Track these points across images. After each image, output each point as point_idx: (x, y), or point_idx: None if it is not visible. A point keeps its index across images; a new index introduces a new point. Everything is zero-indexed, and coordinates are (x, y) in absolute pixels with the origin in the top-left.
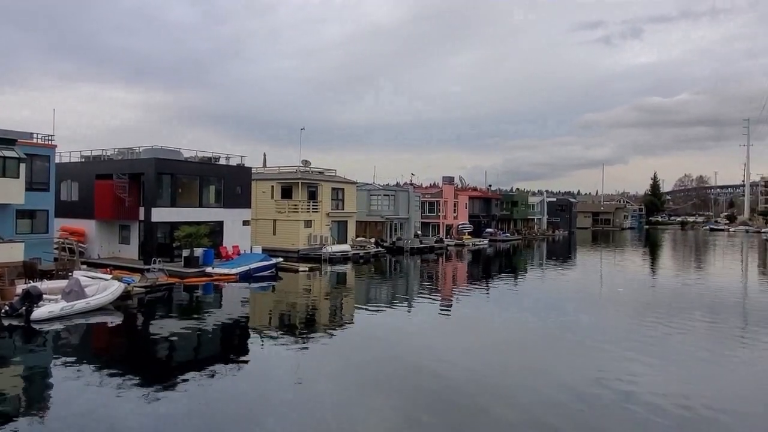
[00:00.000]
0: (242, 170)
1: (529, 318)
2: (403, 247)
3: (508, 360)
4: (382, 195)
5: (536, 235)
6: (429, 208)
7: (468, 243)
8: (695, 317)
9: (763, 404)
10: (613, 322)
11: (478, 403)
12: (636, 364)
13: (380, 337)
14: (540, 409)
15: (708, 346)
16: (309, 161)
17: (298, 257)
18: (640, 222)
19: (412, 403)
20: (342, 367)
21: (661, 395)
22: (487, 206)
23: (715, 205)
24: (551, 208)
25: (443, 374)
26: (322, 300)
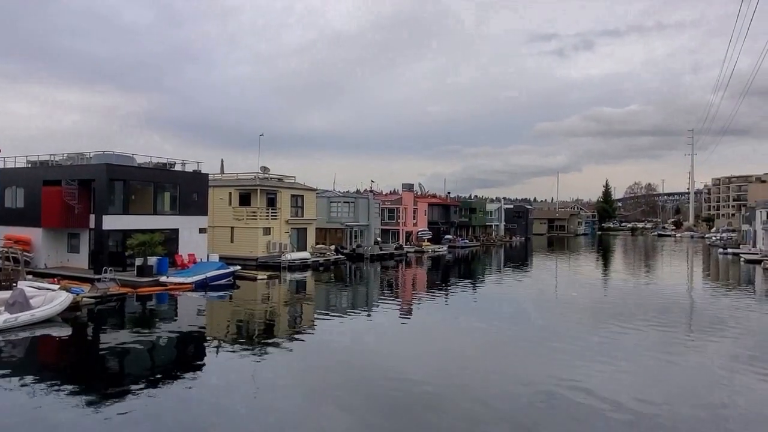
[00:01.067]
0: (199, 177)
1: (487, 322)
2: (363, 254)
3: (467, 364)
4: (342, 202)
5: (494, 241)
6: (389, 215)
7: (427, 249)
8: (645, 319)
9: (707, 402)
10: (568, 326)
11: (437, 407)
12: (590, 366)
13: (340, 345)
14: (498, 411)
15: (657, 347)
16: (268, 168)
17: (257, 265)
18: (593, 228)
19: (371, 410)
20: (301, 376)
21: (614, 395)
22: (446, 213)
23: (663, 211)
24: (508, 215)
25: (403, 380)
26: (281, 308)
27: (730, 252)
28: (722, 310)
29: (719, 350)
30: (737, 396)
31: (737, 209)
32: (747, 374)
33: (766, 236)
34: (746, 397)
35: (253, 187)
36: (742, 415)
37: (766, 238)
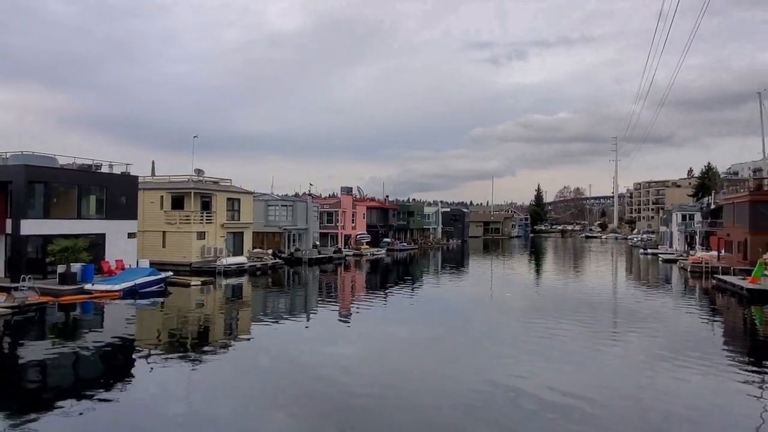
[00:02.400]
0: (127, 179)
1: (424, 324)
2: (301, 258)
3: (406, 366)
4: (280, 205)
5: (431, 244)
6: (327, 219)
7: (366, 253)
8: (574, 317)
9: (631, 395)
10: (503, 326)
11: (378, 410)
12: (523, 364)
13: (277, 350)
14: (438, 411)
15: (586, 344)
16: (202, 170)
17: (191, 271)
18: (526, 231)
19: (310, 414)
20: (237, 382)
21: (547, 391)
22: (385, 216)
23: (590, 214)
24: (445, 218)
25: (342, 383)
26: (217, 314)
27: (650, 252)
28: (643, 307)
29: (641, 345)
30: (657, 387)
31: (656, 212)
32: (665, 367)
33: (681, 237)
34: (665, 388)
35: (186, 190)
36: (662, 405)
37: (681, 239)
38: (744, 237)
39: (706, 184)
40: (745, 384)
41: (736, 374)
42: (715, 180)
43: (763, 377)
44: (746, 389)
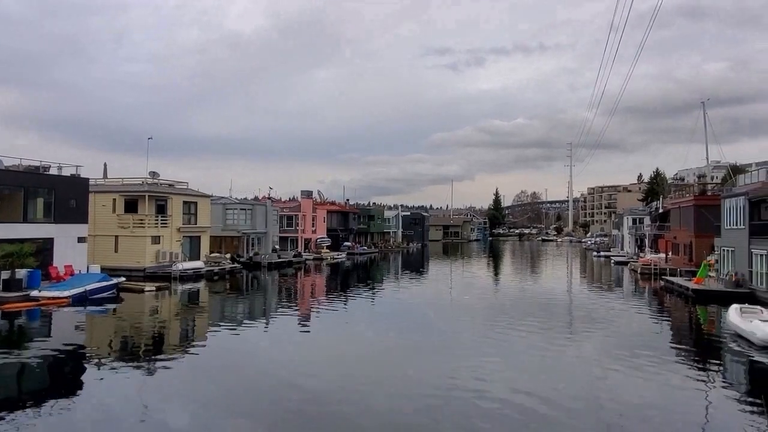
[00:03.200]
0: (77, 181)
1: (385, 328)
2: (260, 262)
3: (366, 369)
4: (239, 209)
5: (392, 247)
6: (288, 222)
7: (326, 257)
8: (532, 318)
9: (585, 394)
10: (462, 328)
11: (339, 413)
12: (482, 366)
13: (236, 356)
14: (399, 414)
15: (542, 345)
16: (157, 173)
17: (144, 276)
18: (485, 234)
19: (271, 422)
20: (194, 391)
21: (505, 392)
22: (345, 220)
23: (546, 218)
24: (406, 222)
25: (303, 388)
26: (172, 321)
27: (603, 255)
28: (596, 308)
29: (595, 345)
30: (611, 385)
31: (608, 216)
32: (618, 365)
33: (631, 240)
34: (618, 386)
35: (140, 193)
36: (616, 402)
37: (631, 242)
38: (689, 240)
39: (654, 189)
40: (691, 380)
41: (683, 371)
42: (662, 185)
43: (707, 373)
44: (692, 385)
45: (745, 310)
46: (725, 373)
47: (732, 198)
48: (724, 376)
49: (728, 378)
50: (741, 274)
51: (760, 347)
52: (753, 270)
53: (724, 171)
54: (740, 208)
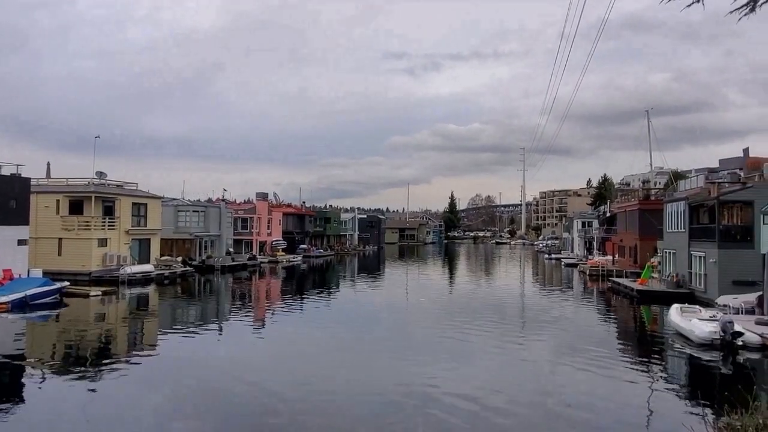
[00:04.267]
0: (17, 181)
1: (339, 330)
2: (213, 266)
3: (319, 373)
4: (191, 211)
5: (348, 250)
6: (242, 225)
7: (282, 260)
8: (485, 320)
9: (536, 391)
10: (417, 330)
11: (291, 419)
12: (438, 367)
13: (187, 362)
14: (350, 418)
15: (495, 344)
16: (104, 173)
17: (90, 280)
18: (440, 237)
19: (222, 428)
20: (142, 399)
21: (461, 391)
22: (302, 223)
23: (500, 221)
24: (362, 225)
25: (255, 393)
26: (119, 327)
27: (554, 257)
28: (547, 309)
29: (546, 345)
30: (559, 382)
31: (559, 219)
32: (566, 363)
33: (581, 243)
34: (566, 383)
35: (86, 194)
36: (564, 397)
37: (581, 244)
38: (634, 243)
39: (602, 194)
40: (635, 376)
41: (628, 368)
42: (610, 190)
43: (650, 369)
44: (636, 380)
45: (684, 310)
46: (666, 369)
47: (673, 203)
48: (665, 372)
49: (669, 373)
50: (681, 275)
51: (698, 344)
52: (692, 271)
53: (667, 177)
54: (681, 212)
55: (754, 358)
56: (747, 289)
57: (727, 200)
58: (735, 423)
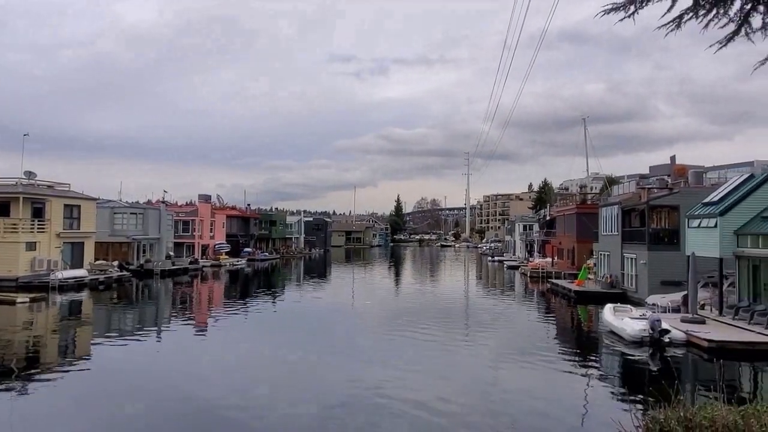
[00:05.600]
0: None
1: (284, 335)
2: (152, 270)
3: (263, 378)
4: (129, 213)
5: (294, 253)
6: (183, 228)
7: (225, 263)
8: (430, 322)
9: (480, 390)
10: (363, 333)
11: (235, 425)
12: (382, 371)
13: (123, 371)
14: (296, 423)
15: (439, 346)
16: (34, 173)
17: (18, 286)
18: (387, 240)
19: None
20: (73, 412)
21: (405, 396)
22: (246, 226)
23: (445, 224)
24: (308, 228)
25: (196, 400)
26: (49, 335)
27: (497, 260)
28: (490, 310)
29: (489, 345)
30: (501, 382)
31: (502, 222)
32: (508, 363)
33: (522, 246)
34: (508, 382)
35: (13, 194)
36: (505, 397)
37: (522, 247)
38: (572, 245)
39: (542, 198)
40: (572, 373)
41: (566, 366)
42: (549, 194)
43: (586, 367)
44: (573, 377)
45: (617, 309)
46: (600, 366)
47: (607, 207)
48: (599, 369)
49: (602, 370)
50: (615, 276)
51: (630, 342)
52: (625, 272)
53: (602, 182)
54: (614, 216)
55: (679, 354)
56: (674, 288)
57: (656, 205)
58: (659, 416)
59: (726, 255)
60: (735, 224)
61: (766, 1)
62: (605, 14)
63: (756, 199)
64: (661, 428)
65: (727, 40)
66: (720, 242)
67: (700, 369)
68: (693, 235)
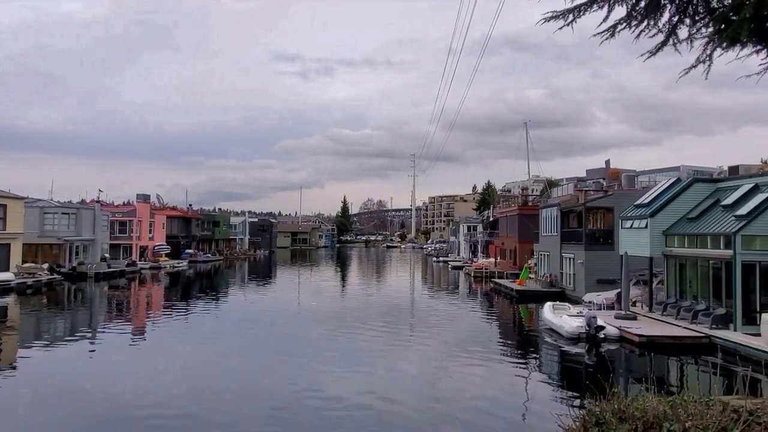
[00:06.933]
0: None
1: (227, 339)
2: (86, 273)
3: (203, 383)
4: (60, 213)
5: (238, 255)
6: (120, 229)
7: (165, 265)
8: (376, 322)
9: (425, 389)
10: (309, 335)
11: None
12: (328, 372)
13: (51, 381)
14: (240, 426)
15: (385, 346)
16: None
17: None
18: (333, 241)
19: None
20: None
21: (351, 397)
22: (187, 226)
23: (391, 225)
24: (253, 229)
25: (133, 408)
26: None
27: (442, 260)
28: (434, 310)
29: (433, 345)
30: (445, 380)
31: (447, 224)
32: (452, 362)
33: (467, 246)
34: (452, 380)
35: None
36: (450, 398)
37: (467, 247)
38: (514, 245)
39: (486, 200)
40: (514, 370)
41: (508, 363)
42: (493, 196)
43: (527, 363)
44: (515, 374)
45: (556, 307)
46: (540, 363)
47: (547, 208)
48: (539, 366)
49: (542, 367)
50: (554, 275)
51: (567, 339)
52: (563, 271)
53: (543, 184)
54: (554, 217)
55: (613, 349)
56: (609, 287)
57: (592, 206)
58: (595, 409)
59: (655, 254)
60: (664, 225)
61: (691, 14)
62: (546, 22)
63: (682, 201)
64: (597, 421)
65: (657, 50)
66: (650, 242)
67: (632, 362)
68: (626, 236)
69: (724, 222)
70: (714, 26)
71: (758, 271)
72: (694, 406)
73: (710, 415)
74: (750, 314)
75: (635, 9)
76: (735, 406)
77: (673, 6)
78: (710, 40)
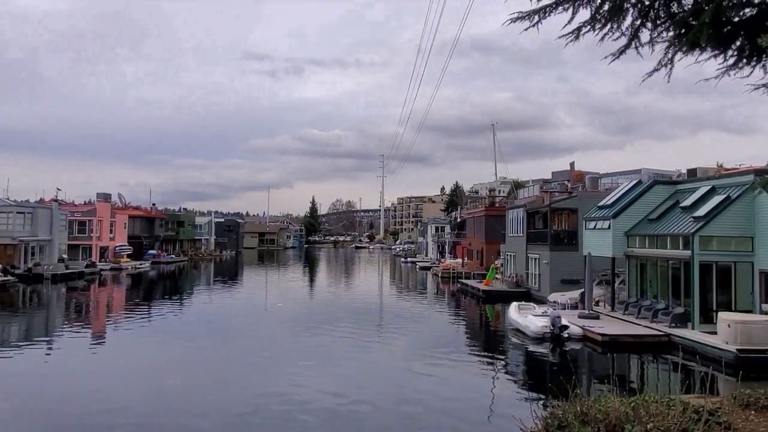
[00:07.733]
0: None
1: (190, 342)
2: (42, 274)
3: (167, 387)
4: (15, 212)
5: (203, 255)
6: (80, 229)
7: (127, 266)
8: (344, 323)
9: (393, 390)
10: (275, 336)
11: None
12: (295, 374)
13: (3, 384)
14: (209, 428)
15: (353, 347)
16: None
17: None
18: (301, 242)
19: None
20: None
21: (319, 399)
22: (151, 226)
23: (360, 226)
24: (219, 229)
25: (94, 413)
26: None
27: (410, 261)
28: (402, 311)
29: (401, 345)
30: (413, 381)
31: (415, 224)
32: (420, 362)
33: (434, 247)
34: (419, 381)
35: None
36: (417, 395)
37: (434, 248)
38: (481, 246)
39: (454, 201)
40: (480, 369)
41: (474, 362)
42: (461, 197)
43: (494, 363)
44: (482, 373)
45: (521, 307)
46: (505, 363)
47: (513, 209)
48: (504, 366)
49: (507, 367)
50: (520, 275)
51: (533, 338)
52: (529, 272)
53: (509, 186)
54: (520, 218)
55: (576, 348)
56: (573, 287)
57: (557, 207)
58: (558, 412)
59: (618, 254)
60: (625, 226)
61: (653, 19)
62: (512, 22)
63: (643, 203)
64: (559, 423)
65: (620, 53)
66: (613, 243)
67: (595, 361)
68: (589, 236)
69: (683, 223)
70: (674, 30)
71: (715, 271)
72: (655, 407)
73: (671, 416)
74: (707, 313)
75: (599, 12)
76: (695, 405)
77: (636, 10)
78: (671, 44)
